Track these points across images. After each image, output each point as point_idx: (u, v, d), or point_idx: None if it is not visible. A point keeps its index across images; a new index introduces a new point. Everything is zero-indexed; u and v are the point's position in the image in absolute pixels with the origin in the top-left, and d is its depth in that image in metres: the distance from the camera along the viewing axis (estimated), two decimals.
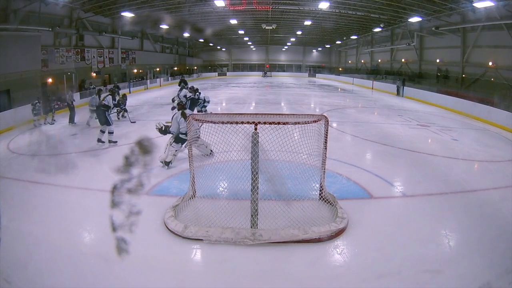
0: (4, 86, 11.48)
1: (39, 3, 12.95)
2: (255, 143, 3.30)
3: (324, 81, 31.34)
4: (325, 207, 3.90)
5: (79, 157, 6.19)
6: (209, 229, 3.34)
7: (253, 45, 38.03)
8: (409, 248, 3.21)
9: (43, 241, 3.24)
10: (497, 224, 3.74)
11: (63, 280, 2.70)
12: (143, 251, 3.00)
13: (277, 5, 17.99)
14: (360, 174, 5.22)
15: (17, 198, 4.30)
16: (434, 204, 4.28)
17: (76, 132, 8.65)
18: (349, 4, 16.66)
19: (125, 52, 21.78)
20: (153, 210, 3.77)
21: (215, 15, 20.87)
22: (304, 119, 3.87)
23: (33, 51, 13.31)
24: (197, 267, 3.04)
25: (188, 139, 3.90)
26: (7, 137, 8.01)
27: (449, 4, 13.89)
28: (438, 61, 18.62)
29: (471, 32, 15.50)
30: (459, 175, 5.44)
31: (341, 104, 15.29)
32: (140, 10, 16.33)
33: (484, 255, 3.09)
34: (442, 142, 7.83)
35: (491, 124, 10.34)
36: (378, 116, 11.78)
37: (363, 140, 7.75)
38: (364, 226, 3.58)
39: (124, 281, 2.70)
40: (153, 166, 5.37)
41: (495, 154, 6.90)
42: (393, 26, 20.64)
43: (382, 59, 26.38)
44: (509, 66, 13.18)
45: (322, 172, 4.07)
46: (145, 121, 10.36)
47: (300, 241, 3.22)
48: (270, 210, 3.61)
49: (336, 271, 2.91)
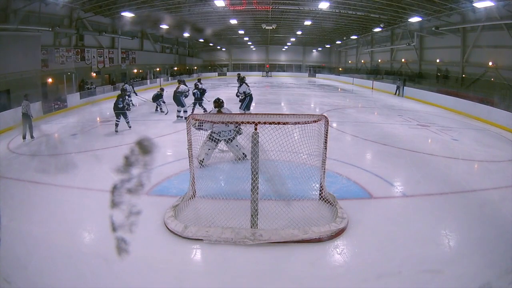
0: (4, 86, 11.48)
1: (39, 3, 12.95)
2: (255, 143, 3.30)
3: (324, 81, 31.33)
4: (325, 207, 3.90)
5: (79, 157, 6.19)
6: (209, 229, 3.34)
7: (253, 45, 38.02)
8: (409, 248, 3.20)
9: (43, 241, 3.24)
10: (497, 224, 3.73)
11: (63, 280, 2.69)
12: (143, 251, 3.00)
13: (277, 5, 17.99)
14: (360, 174, 5.22)
15: (17, 198, 4.30)
16: (434, 204, 4.28)
17: (76, 132, 8.65)
18: (349, 4, 16.66)
19: (125, 52, 21.77)
20: (153, 210, 3.77)
21: (215, 15, 20.87)
22: (304, 119, 3.87)
23: (33, 51, 13.31)
24: (197, 267, 3.03)
25: (188, 140, 3.89)
26: (7, 137, 8.02)
27: (449, 4, 13.89)
28: (438, 61, 18.62)
29: (471, 32, 15.50)
30: (459, 175, 5.44)
31: (341, 104, 15.28)
32: (140, 10, 16.33)
33: (484, 255, 3.09)
34: (442, 142, 7.83)
35: (491, 124, 10.34)
36: (378, 116, 11.78)
37: (363, 140, 7.75)
38: (364, 226, 3.58)
39: (124, 281, 2.70)
40: (153, 166, 5.36)
41: (495, 154, 6.90)
42: (393, 26, 20.64)
43: (382, 59, 26.38)
44: (509, 66, 13.18)
45: (322, 172, 4.07)
46: (145, 121, 10.36)
47: (300, 241, 3.22)
48: (270, 210, 3.60)
49: (336, 271, 2.91)
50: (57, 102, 12.61)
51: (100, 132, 8.89)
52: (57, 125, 9.63)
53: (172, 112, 10.69)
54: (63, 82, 14.86)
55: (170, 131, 8.41)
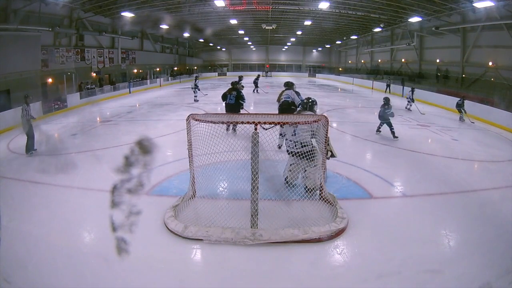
0: (4, 86, 11.49)
1: (39, 3, 12.96)
2: (255, 143, 3.30)
3: (324, 81, 31.32)
4: (325, 207, 3.89)
5: (79, 157, 6.19)
6: (209, 229, 3.33)
7: (253, 45, 38.03)
8: (409, 248, 3.20)
9: (43, 241, 3.24)
10: (497, 224, 3.73)
11: (63, 280, 2.69)
12: (143, 251, 2.99)
13: (277, 5, 18.01)
14: (360, 174, 5.21)
15: (17, 198, 4.29)
16: (434, 204, 4.27)
17: (76, 132, 8.65)
18: (349, 4, 16.67)
19: (125, 52, 21.79)
20: (153, 210, 3.77)
21: (215, 15, 20.88)
22: (304, 119, 3.87)
23: (33, 51, 13.33)
24: (197, 267, 3.03)
25: (188, 140, 3.89)
26: (7, 137, 8.02)
27: (449, 4, 13.90)
28: (438, 61, 18.63)
29: (471, 32, 15.50)
30: (459, 175, 5.44)
31: (341, 104, 15.28)
32: (140, 10, 16.34)
33: (484, 255, 3.09)
34: (442, 142, 7.83)
35: (491, 124, 10.34)
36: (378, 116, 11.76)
37: (363, 140, 7.75)
38: (364, 226, 3.58)
39: (124, 281, 2.70)
40: (153, 166, 5.36)
41: (495, 154, 6.90)
42: (393, 26, 20.66)
43: (382, 59, 26.40)
44: (509, 66, 13.19)
45: (322, 172, 4.07)
46: (145, 121, 10.37)
47: (300, 241, 3.22)
48: (270, 210, 3.60)
49: (336, 271, 2.91)
50: (57, 102, 12.62)
51: (100, 132, 8.89)
52: (57, 125, 9.63)
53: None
54: (63, 82, 14.87)
55: (170, 131, 8.41)
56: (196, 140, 3.80)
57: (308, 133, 4.02)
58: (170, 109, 12.28)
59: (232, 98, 7.47)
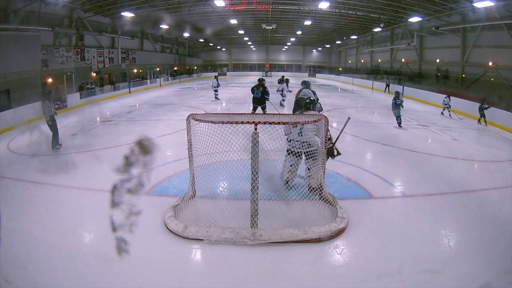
0: (4, 86, 11.48)
1: (39, 3, 12.96)
2: (255, 143, 3.30)
3: (324, 81, 31.31)
4: (325, 207, 3.89)
5: (79, 157, 6.19)
6: (209, 229, 3.33)
7: (253, 45, 38.03)
8: (409, 248, 3.20)
9: (43, 241, 3.24)
10: (497, 224, 3.73)
11: (63, 280, 2.69)
12: (143, 251, 2.99)
13: (277, 5, 18.01)
14: (360, 174, 5.21)
15: (17, 198, 4.29)
16: (434, 204, 4.27)
17: (76, 132, 8.65)
18: (349, 4, 16.68)
19: (125, 52, 21.79)
20: (153, 210, 3.77)
21: (215, 15, 20.88)
22: (304, 119, 3.87)
23: (33, 51, 13.33)
24: (197, 267, 3.03)
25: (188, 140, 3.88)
26: (7, 137, 8.02)
27: (449, 4, 13.90)
28: (438, 61, 18.64)
29: (471, 32, 15.50)
30: (459, 175, 5.44)
31: (341, 104, 15.28)
32: (140, 10, 16.35)
33: (484, 255, 3.09)
34: (442, 142, 7.83)
35: (491, 124, 10.34)
36: (378, 116, 11.78)
37: (363, 140, 7.75)
38: (364, 226, 3.58)
39: (124, 281, 2.70)
40: (153, 166, 5.36)
41: (495, 154, 6.90)
42: (393, 26, 20.67)
43: (382, 59, 26.40)
44: (509, 66, 13.19)
45: (322, 172, 4.07)
46: (145, 121, 10.37)
47: (300, 241, 3.22)
48: (270, 210, 3.60)
49: (336, 271, 2.91)
50: (57, 102, 12.61)
51: (100, 132, 8.89)
52: (57, 125, 9.61)
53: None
54: (63, 82, 14.87)
55: (170, 131, 8.41)
56: (196, 140, 3.79)
57: (314, 133, 4.10)
58: (170, 109, 12.28)
59: (258, 93, 9.03)
